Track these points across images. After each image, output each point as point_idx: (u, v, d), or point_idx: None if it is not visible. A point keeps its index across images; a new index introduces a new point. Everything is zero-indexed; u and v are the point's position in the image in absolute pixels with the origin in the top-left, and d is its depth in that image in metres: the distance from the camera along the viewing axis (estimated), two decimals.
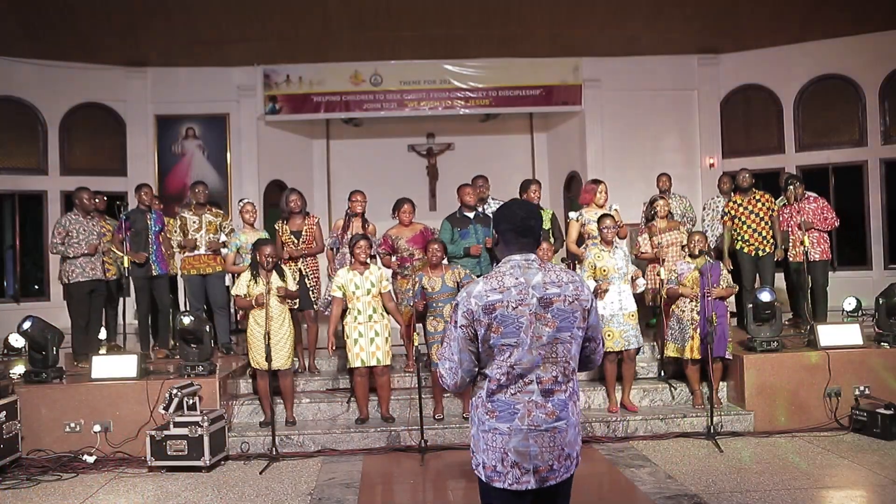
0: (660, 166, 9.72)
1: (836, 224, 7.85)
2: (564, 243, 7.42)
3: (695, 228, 8.20)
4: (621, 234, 6.79)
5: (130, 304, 8.03)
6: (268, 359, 5.82)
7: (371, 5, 10.60)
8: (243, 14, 10.57)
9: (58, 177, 11.10)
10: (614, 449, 5.97)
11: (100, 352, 7.07)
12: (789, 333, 7.51)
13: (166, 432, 5.67)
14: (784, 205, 7.93)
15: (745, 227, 7.78)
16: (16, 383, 6.16)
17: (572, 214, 7.46)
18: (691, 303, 6.43)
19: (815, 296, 7.74)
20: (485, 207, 7.37)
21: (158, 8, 10.24)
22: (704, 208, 8.89)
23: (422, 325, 6.43)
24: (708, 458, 5.68)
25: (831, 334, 6.69)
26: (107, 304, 7.91)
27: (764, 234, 7.75)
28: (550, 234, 7.25)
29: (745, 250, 7.77)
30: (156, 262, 7.55)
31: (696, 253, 6.55)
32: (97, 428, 6.03)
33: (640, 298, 6.82)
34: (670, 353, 6.64)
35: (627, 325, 6.39)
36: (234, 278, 7.25)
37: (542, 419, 2.57)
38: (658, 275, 6.76)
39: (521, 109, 12.22)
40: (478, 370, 2.64)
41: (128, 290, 7.68)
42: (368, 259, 6.34)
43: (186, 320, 6.27)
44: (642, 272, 6.98)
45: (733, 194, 8.04)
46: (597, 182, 7.38)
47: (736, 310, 8.27)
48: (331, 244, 7.24)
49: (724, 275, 6.52)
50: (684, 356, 6.47)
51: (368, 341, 6.20)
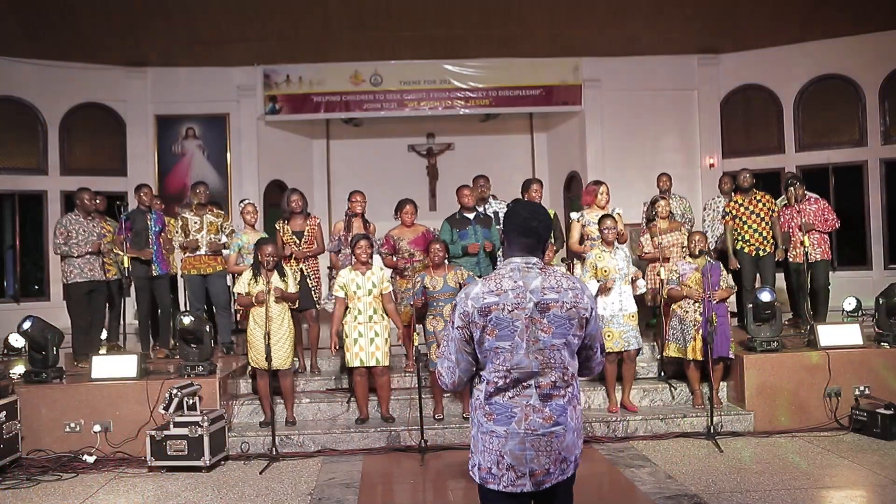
0: (660, 166, 9.71)
1: (837, 225, 7.86)
2: (565, 243, 7.41)
3: (694, 228, 8.19)
4: (621, 240, 6.79)
5: (131, 305, 8.04)
6: (268, 359, 5.82)
7: (371, 5, 10.61)
8: (243, 14, 10.58)
9: (58, 177, 11.12)
10: (614, 449, 5.97)
11: (100, 352, 7.07)
12: (789, 333, 7.51)
13: (166, 432, 5.67)
14: (785, 205, 7.94)
15: (745, 227, 7.77)
16: (16, 383, 6.16)
17: (574, 215, 7.46)
18: (694, 303, 6.42)
19: (816, 296, 7.75)
20: (486, 207, 7.36)
21: (158, 8, 10.25)
22: (705, 208, 8.87)
23: (422, 325, 6.44)
24: (708, 458, 5.67)
25: (831, 334, 6.69)
26: (107, 305, 7.91)
27: (764, 235, 7.75)
28: (552, 235, 7.24)
29: (746, 250, 7.77)
30: (156, 262, 7.55)
31: (697, 253, 6.55)
32: (97, 428, 6.03)
33: (640, 299, 6.82)
34: (671, 353, 6.63)
35: (627, 325, 6.39)
36: (235, 278, 7.25)
37: (539, 423, 2.54)
38: (658, 275, 6.76)
39: (521, 109, 12.24)
40: (477, 371, 2.63)
41: (128, 291, 7.69)
42: (370, 259, 6.34)
43: (187, 320, 6.27)
44: (643, 272, 6.98)
45: (734, 194, 8.03)
46: (598, 183, 7.37)
47: (736, 310, 8.27)
48: (334, 247, 7.22)
49: (723, 275, 6.51)
50: (686, 356, 6.46)
51: (368, 341, 6.20)
